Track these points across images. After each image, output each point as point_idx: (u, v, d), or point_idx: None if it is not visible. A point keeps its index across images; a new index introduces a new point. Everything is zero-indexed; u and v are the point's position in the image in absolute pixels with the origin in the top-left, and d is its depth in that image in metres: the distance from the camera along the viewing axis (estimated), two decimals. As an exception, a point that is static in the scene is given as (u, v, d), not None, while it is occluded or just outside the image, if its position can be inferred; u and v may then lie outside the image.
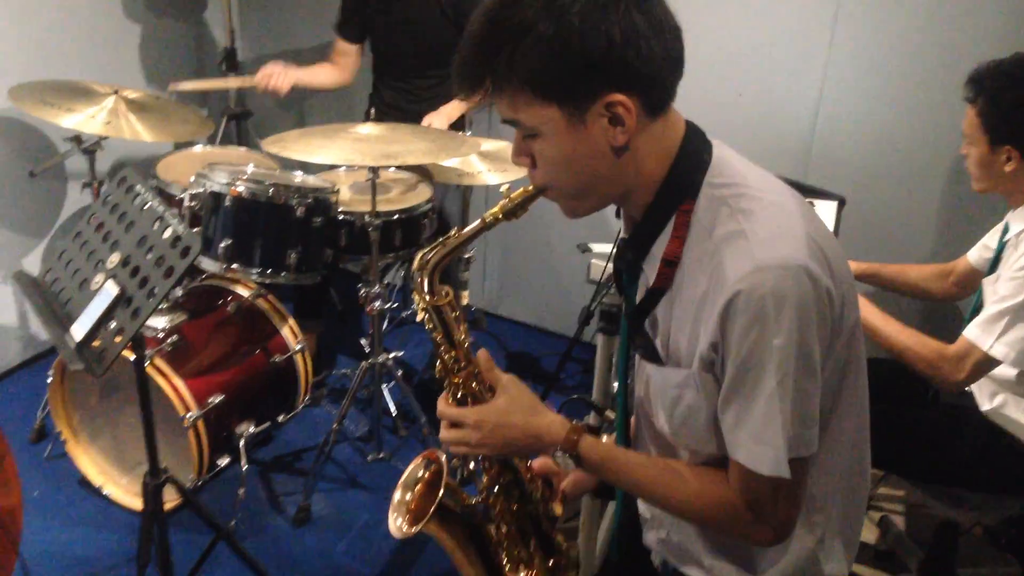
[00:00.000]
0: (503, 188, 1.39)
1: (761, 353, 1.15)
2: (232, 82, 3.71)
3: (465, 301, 3.47)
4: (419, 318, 1.48)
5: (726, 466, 1.27)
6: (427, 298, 1.43)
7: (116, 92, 3.03)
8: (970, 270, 2.51)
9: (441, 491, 1.49)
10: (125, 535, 2.81)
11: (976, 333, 2.12)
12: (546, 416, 1.38)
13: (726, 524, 1.30)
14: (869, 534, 2.94)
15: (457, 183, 3.24)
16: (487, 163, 3.20)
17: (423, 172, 3.31)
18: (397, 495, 1.57)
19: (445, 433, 1.41)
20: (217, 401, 2.76)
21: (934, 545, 2.55)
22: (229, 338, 2.98)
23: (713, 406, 1.24)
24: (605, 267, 2.40)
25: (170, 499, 2.61)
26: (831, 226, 2.95)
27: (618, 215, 1.40)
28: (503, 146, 3.29)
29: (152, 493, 2.26)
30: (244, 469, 2.86)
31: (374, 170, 2.78)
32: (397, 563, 2.79)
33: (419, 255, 1.43)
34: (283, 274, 2.88)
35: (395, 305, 4.03)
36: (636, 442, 1.52)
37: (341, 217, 2.99)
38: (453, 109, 3.31)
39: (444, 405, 1.44)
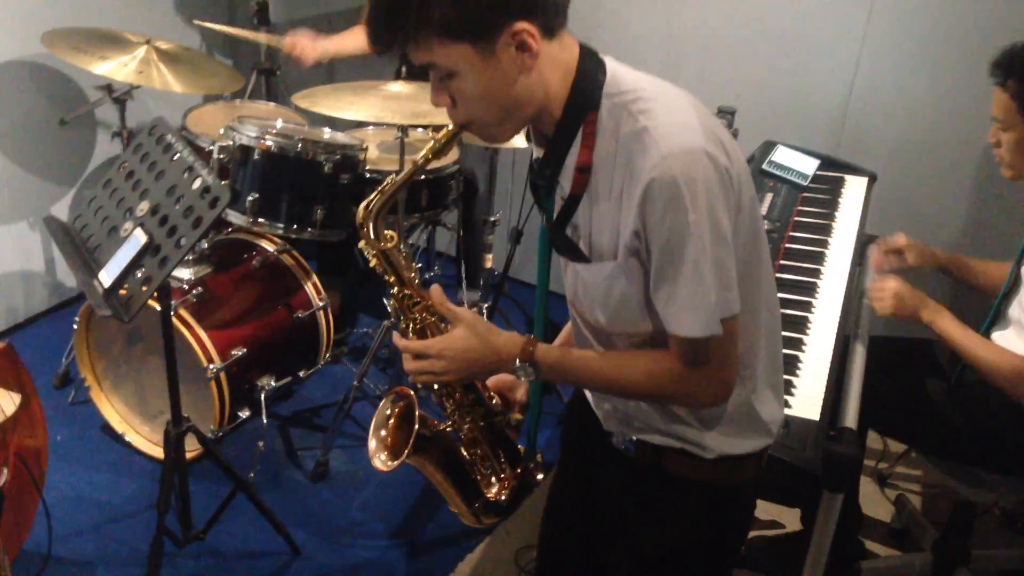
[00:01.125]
0: (428, 131, 1.48)
1: (680, 231, 1.26)
2: (261, 36, 3.70)
3: (488, 264, 3.46)
4: (371, 264, 1.58)
5: (662, 345, 1.40)
6: (375, 243, 1.55)
7: (148, 42, 3.03)
8: None
9: (416, 423, 1.59)
10: (146, 482, 2.85)
11: None
12: (502, 335, 1.49)
13: (677, 394, 1.44)
14: (884, 512, 2.94)
15: (486, 146, 3.22)
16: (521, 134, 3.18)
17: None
18: (373, 441, 1.67)
19: (410, 364, 1.49)
20: (240, 354, 2.78)
21: (949, 525, 2.55)
22: (253, 292, 3.00)
23: (642, 289, 1.36)
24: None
25: (191, 449, 2.64)
26: (860, 202, 2.92)
27: (529, 140, 1.51)
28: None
29: (174, 441, 2.29)
30: (264, 422, 2.88)
31: (403, 129, 2.77)
32: (411, 519, 2.81)
33: (361, 206, 1.54)
34: (309, 230, 2.88)
35: (419, 266, 4.03)
36: (577, 344, 1.62)
37: (368, 175, 2.99)
38: None
39: (403, 340, 1.53)
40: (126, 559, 2.58)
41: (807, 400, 1.97)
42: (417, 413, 1.61)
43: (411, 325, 1.59)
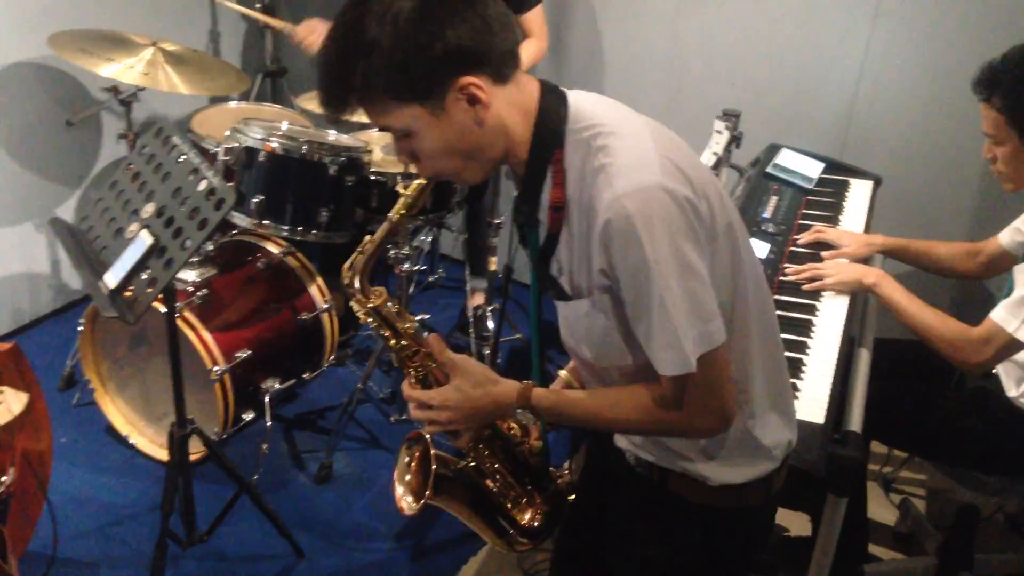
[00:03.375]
0: (399, 188, 1.49)
1: (641, 269, 1.27)
2: (274, 21, 3.69)
3: (493, 267, 3.47)
4: (362, 321, 1.60)
5: (654, 376, 1.38)
6: (364, 302, 1.57)
7: (154, 44, 3.04)
8: (1000, 252, 2.48)
9: (433, 464, 1.61)
10: (150, 484, 2.85)
11: (1003, 315, 2.10)
12: (500, 384, 1.50)
13: (674, 427, 1.43)
14: (888, 516, 2.93)
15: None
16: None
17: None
18: (399, 488, 1.69)
19: (415, 413, 1.53)
20: (244, 356, 2.78)
21: (953, 529, 2.54)
22: (258, 294, 3.00)
23: (621, 322, 1.37)
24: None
25: (195, 451, 2.64)
26: (865, 205, 2.92)
27: (507, 175, 1.53)
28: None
29: (178, 443, 2.29)
30: (268, 425, 2.88)
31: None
32: (416, 523, 2.81)
33: (344, 267, 1.56)
34: (313, 232, 2.88)
35: (423, 268, 4.03)
36: (585, 382, 1.65)
37: (373, 177, 2.99)
38: None
39: (409, 389, 1.57)
40: (130, 561, 2.59)
41: (811, 403, 1.97)
42: (432, 454, 1.62)
43: (414, 373, 1.61)
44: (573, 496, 1.80)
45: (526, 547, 1.76)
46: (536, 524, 1.74)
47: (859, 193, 3.01)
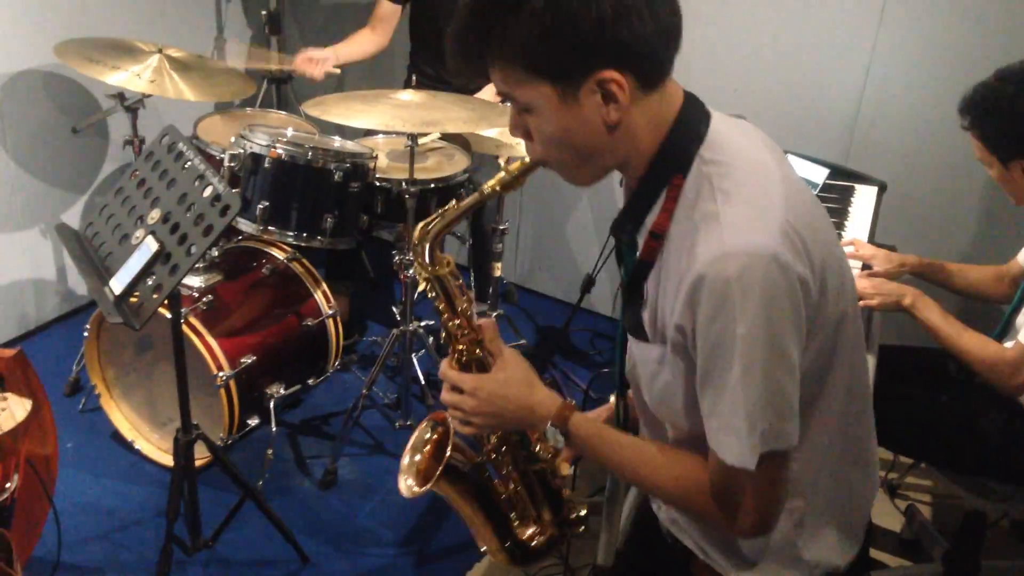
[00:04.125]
0: (502, 160, 1.41)
1: (726, 340, 1.14)
2: (273, 62, 3.72)
3: (497, 273, 3.47)
4: (420, 288, 1.51)
5: (704, 447, 1.26)
6: (429, 268, 1.46)
7: (160, 51, 3.05)
8: (1022, 271, 2.47)
9: (449, 451, 1.54)
10: (155, 490, 2.85)
11: None
12: (541, 391, 1.41)
13: (703, 511, 1.31)
14: (894, 523, 2.92)
15: (495, 153, 3.23)
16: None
17: (461, 141, 3.31)
18: (406, 459, 1.62)
19: (446, 395, 1.44)
20: (249, 362, 2.79)
21: (960, 535, 2.53)
22: (263, 300, 3.01)
23: (687, 385, 1.24)
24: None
25: (200, 456, 2.64)
26: (870, 211, 2.92)
27: (621, 183, 1.39)
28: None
29: (183, 449, 2.30)
30: (273, 430, 2.88)
31: (413, 137, 2.78)
32: (420, 528, 2.81)
33: (419, 226, 1.45)
34: (319, 238, 2.89)
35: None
36: (629, 417, 1.55)
37: (378, 184, 3.00)
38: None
39: (447, 367, 1.47)
40: (135, 566, 2.58)
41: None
42: (451, 440, 1.55)
43: (456, 356, 1.49)
44: (583, 528, 1.68)
45: (519, 564, 1.68)
46: (535, 544, 1.66)
47: (864, 199, 3.01)
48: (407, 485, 1.59)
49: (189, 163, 2.03)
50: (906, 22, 3.06)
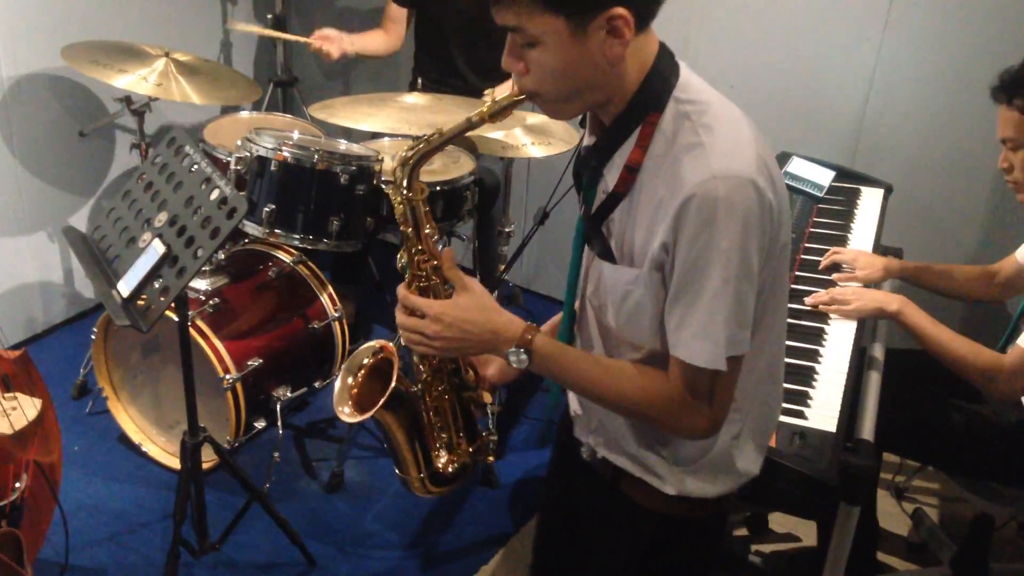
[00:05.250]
0: (486, 92, 1.45)
1: (708, 254, 1.24)
2: (287, 35, 3.71)
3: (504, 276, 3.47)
4: (395, 210, 1.54)
5: (666, 365, 1.35)
6: (404, 192, 1.51)
7: (167, 54, 3.05)
8: (1018, 269, 2.45)
9: (394, 380, 1.57)
10: (162, 492, 2.86)
11: None
12: (504, 314, 1.44)
13: (664, 418, 1.38)
14: (901, 526, 2.92)
15: (501, 155, 3.23)
16: (531, 136, 3.18)
17: (466, 144, 3.31)
18: (338, 383, 1.64)
19: (402, 319, 1.45)
20: (256, 364, 2.79)
21: (968, 539, 2.53)
22: (269, 303, 3.01)
23: (658, 304, 1.33)
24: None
25: (207, 459, 2.65)
26: (876, 213, 2.92)
27: (582, 124, 1.47)
28: (548, 120, 3.28)
29: (190, 452, 2.30)
30: (280, 433, 2.89)
31: (417, 139, 2.78)
32: (427, 531, 2.81)
33: (401, 151, 1.50)
34: (324, 241, 2.89)
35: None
36: (581, 340, 1.58)
37: (383, 186, 3.00)
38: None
39: (405, 291, 1.50)
40: (142, 569, 2.59)
41: (823, 412, 1.96)
42: (396, 369, 1.57)
43: (416, 283, 1.53)
44: (492, 458, 1.76)
45: (436, 491, 1.71)
46: (449, 471, 1.69)
47: (870, 201, 3.00)
48: (345, 412, 1.60)
49: (196, 166, 2.03)
50: (911, 24, 3.06)
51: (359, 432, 3.15)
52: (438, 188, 3.01)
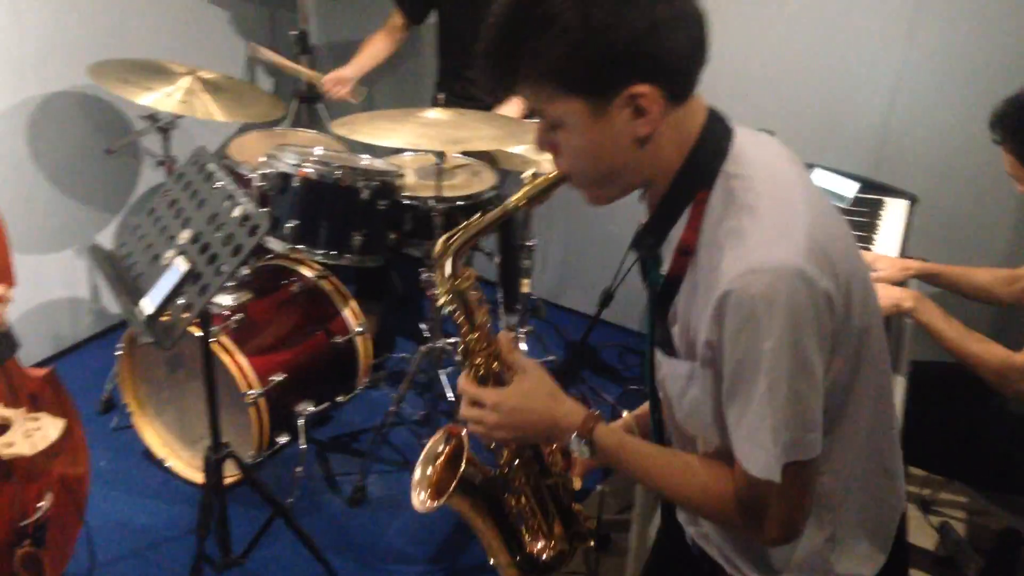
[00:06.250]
0: (526, 175, 1.41)
1: (752, 355, 1.15)
2: (303, 70, 3.76)
3: (526, 289, 3.47)
4: (440, 302, 1.49)
5: (732, 460, 1.27)
6: (450, 282, 1.44)
7: (192, 72, 3.08)
8: None
9: (463, 464, 1.53)
10: (186, 507, 2.87)
11: None
12: (565, 403, 1.39)
13: (731, 519, 1.30)
14: (928, 540, 2.89)
15: (522, 170, 3.24)
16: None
17: (488, 159, 3.32)
18: (418, 472, 1.60)
19: (466, 410, 1.42)
20: (279, 379, 2.80)
21: (994, 553, 2.50)
22: (292, 318, 3.03)
23: (715, 400, 1.24)
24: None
25: (230, 474, 2.66)
26: (900, 225, 2.89)
27: (641, 199, 1.38)
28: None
29: (213, 467, 2.31)
30: (302, 448, 2.89)
31: (440, 155, 2.79)
32: (449, 546, 2.81)
33: (441, 239, 1.44)
34: (347, 256, 2.90)
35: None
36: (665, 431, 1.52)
37: (406, 201, 3.01)
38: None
39: (465, 382, 1.45)
40: (166, 583, 2.61)
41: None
42: (466, 455, 1.54)
43: (474, 371, 1.48)
44: (593, 542, 1.69)
45: None
46: (545, 558, 1.65)
47: (895, 212, 2.98)
48: (420, 500, 1.58)
49: (219, 183, 2.05)
50: (935, 33, 3.04)
51: (382, 447, 3.16)
52: (460, 203, 3.02)
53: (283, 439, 2.92)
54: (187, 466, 2.99)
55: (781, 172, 1.26)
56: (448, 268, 1.44)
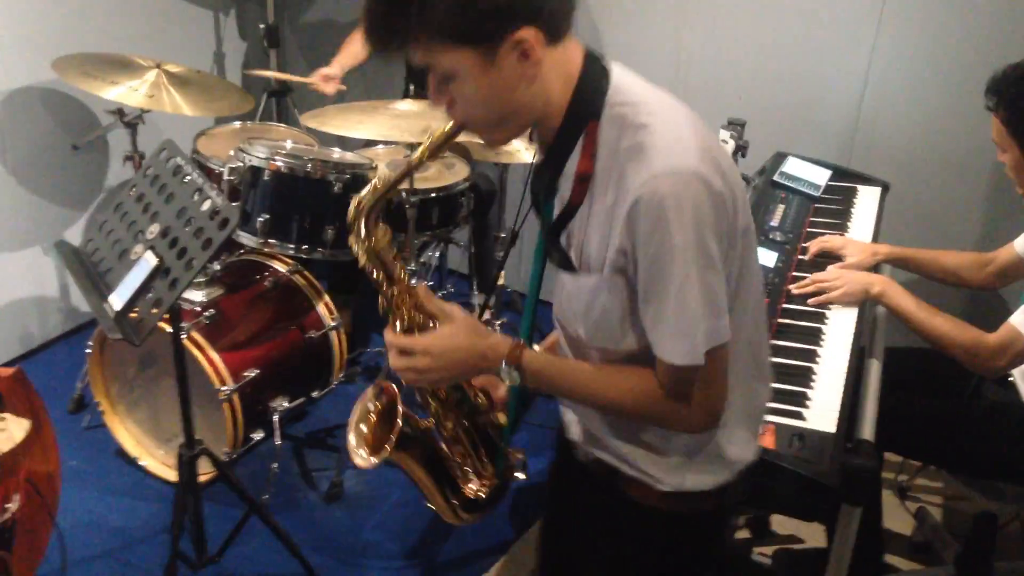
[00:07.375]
0: (423, 129, 1.44)
1: (665, 252, 1.25)
2: (294, 77, 3.75)
3: (501, 282, 3.46)
4: (361, 263, 1.53)
5: (640, 364, 1.37)
6: (366, 242, 1.50)
7: (158, 66, 3.05)
8: (1016, 260, 2.45)
9: (399, 420, 1.58)
10: (160, 506, 2.84)
11: (1021, 320, 2.08)
12: (489, 336, 1.46)
13: (661, 416, 1.41)
14: (904, 525, 2.91)
15: (495, 161, 3.23)
16: (525, 141, 3.18)
17: (461, 150, 3.30)
18: (352, 433, 1.64)
19: (396, 360, 1.45)
20: (252, 375, 2.78)
21: (971, 537, 2.51)
22: (265, 313, 3.00)
23: (624, 305, 1.35)
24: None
25: (204, 472, 2.64)
26: (873, 211, 2.91)
27: (531, 140, 1.49)
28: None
29: (187, 465, 2.29)
30: (278, 444, 2.87)
31: (412, 147, 2.78)
32: (426, 540, 2.80)
33: (353, 202, 1.49)
34: (320, 250, 2.88)
35: (431, 284, 4.03)
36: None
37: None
38: None
39: (392, 335, 1.50)
40: (141, 583, 2.58)
41: (822, 413, 1.94)
42: (400, 410, 1.59)
43: (399, 323, 1.55)
44: (522, 475, 1.76)
45: (471, 517, 1.73)
46: (480, 496, 1.71)
47: (867, 200, 2.99)
48: (362, 457, 1.61)
49: (188, 177, 2.02)
50: (906, 22, 3.05)
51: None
52: (433, 195, 3.01)
53: (258, 435, 2.89)
54: (161, 464, 2.96)
55: (661, 97, 1.36)
56: (362, 230, 1.50)
